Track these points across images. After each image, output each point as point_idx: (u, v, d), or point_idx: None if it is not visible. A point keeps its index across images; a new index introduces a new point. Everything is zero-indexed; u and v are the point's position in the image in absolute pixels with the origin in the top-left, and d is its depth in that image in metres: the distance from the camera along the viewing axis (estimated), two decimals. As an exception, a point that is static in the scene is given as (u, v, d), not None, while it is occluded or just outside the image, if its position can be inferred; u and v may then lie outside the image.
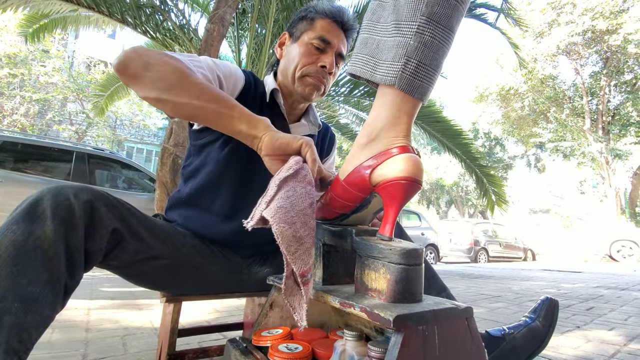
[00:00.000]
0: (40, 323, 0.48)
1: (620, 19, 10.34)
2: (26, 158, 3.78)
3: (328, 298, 0.47)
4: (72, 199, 0.52)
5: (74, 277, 0.53)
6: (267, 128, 0.58)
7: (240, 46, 4.84)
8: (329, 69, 0.81)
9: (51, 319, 0.51)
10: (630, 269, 5.98)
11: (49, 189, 0.52)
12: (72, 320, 1.48)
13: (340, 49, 0.83)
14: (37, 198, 0.51)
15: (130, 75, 0.58)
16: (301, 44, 0.82)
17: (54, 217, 0.50)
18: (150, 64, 0.57)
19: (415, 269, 0.43)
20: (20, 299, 0.46)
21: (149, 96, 0.58)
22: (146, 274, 0.74)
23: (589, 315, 1.92)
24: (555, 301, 0.85)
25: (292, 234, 0.45)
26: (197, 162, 0.84)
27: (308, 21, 0.83)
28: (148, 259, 0.69)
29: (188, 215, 0.83)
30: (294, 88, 0.83)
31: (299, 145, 0.56)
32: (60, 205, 0.51)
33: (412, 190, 0.45)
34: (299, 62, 0.81)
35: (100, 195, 0.57)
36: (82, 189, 0.55)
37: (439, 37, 0.45)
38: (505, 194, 5.36)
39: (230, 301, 2.11)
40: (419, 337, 0.37)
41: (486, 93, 14.59)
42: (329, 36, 0.81)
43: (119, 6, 3.58)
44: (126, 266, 0.68)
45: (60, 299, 0.51)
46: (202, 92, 0.58)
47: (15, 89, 10.08)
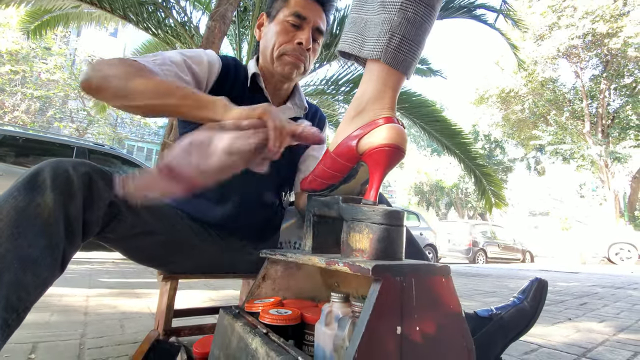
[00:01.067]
0: (39, 284, 0.50)
1: (621, 22, 10.39)
2: (27, 152, 3.81)
3: (315, 259, 0.50)
4: (71, 171, 0.55)
5: (72, 244, 0.55)
6: (224, 107, 0.57)
7: (242, 44, 4.87)
8: (306, 45, 0.79)
9: (50, 282, 0.53)
10: (628, 270, 6.00)
11: (48, 162, 0.55)
12: (71, 305, 1.50)
13: (317, 24, 0.81)
14: (37, 169, 0.53)
15: (94, 90, 0.60)
16: (277, 23, 0.80)
17: (53, 187, 0.52)
18: (107, 76, 0.59)
19: (397, 229, 0.46)
20: (19, 259, 0.48)
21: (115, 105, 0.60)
22: (142, 249, 0.77)
23: (582, 309, 1.95)
24: (544, 281, 0.87)
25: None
26: None
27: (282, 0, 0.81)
28: (144, 233, 0.71)
29: (182, 201, 0.85)
30: (273, 68, 0.82)
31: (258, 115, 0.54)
32: (60, 177, 0.53)
33: (395, 157, 0.48)
34: (276, 41, 0.80)
35: (98, 169, 0.59)
36: (81, 162, 0.58)
37: (420, 14, 0.47)
38: (504, 195, 5.39)
39: (227, 291, 2.14)
40: (396, 288, 0.40)
41: (486, 95, 14.64)
42: (303, 11, 0.79)
43: (122, 3, 3.62)
44: (123, 239, 0.70)
45: (58, 263, 0.53)
46: (156, 91, 0.58)
47: (16, 86, 10.12)
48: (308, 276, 0.74)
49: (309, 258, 0.52)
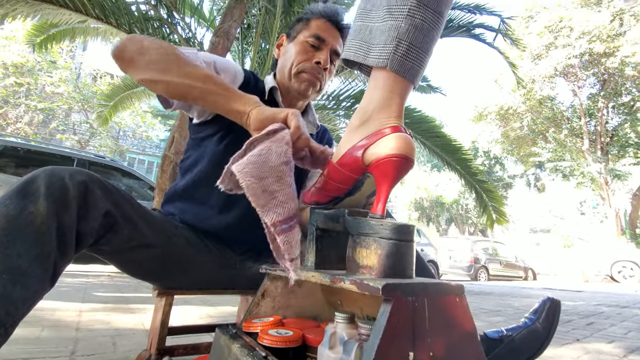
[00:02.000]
0: (28, 297, 0.48)
1: (617, 42, 10.59)
2: (27, 163, 3.80)
3: (319, 276, 0.47)
4: (67, 179, 0.53)
5: (64, 256, 0.53)
6: (255, 104, 0.60)
7: (244, 60, 4.95)
8: (324, 65, 0.84)
9: (39, 295, 0.50)
10: (632, 289, 5.89)
11: (44, 169, 0.53)
12: (63, 320, 1.45)
13: (335, 47, 0.86)
14: (31, 177, 0.52)
15: (126, 60, 0.61)
16: (297, 43, 0.85)
17: (47, 195, 0.50)
18: (144, 48, 0.61)
19: (407, 244, 0.43)
20: (8, 271, 0.45)
21: (144, 78, 0.61)
22: (137, 262, 0.73)
23: (589, 329, 1.89)
24: (557, 301, 0.83)
25: (261, 188, 0.46)
26: (195, 155, 0.85)
27: (304, 22, 0.87)
28: (140, 246, 0.68)
29: (184, 208, 0.83)
30: (290, 85, 0.86)
31: (285, 116, 0.57)
32: (54, 185, 0.51)
33: (403, 168, 0.46)
34: (295, 59, 0.84)
35: (94, 178, 0.57)
36: (77, 171, 0.56)
37: (428, 21, 0.46)
38: (506, 211, 5.34)
39: (224, 307, 2.07)
40: (408, 308, 0.37)
41: (485, 112, 14.77)
42: (323, 34, 0.84)
43: (127, 18, 3.68)
44: (117, 252, 0.67)
45: (49, 275, 0.50)
46: (192, 72, 0.60)
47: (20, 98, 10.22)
48: (310, 293, 0.71)
49: (312, 275, 0.49)
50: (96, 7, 3.38)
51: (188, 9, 4.17)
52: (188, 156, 0.88)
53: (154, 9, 3.77)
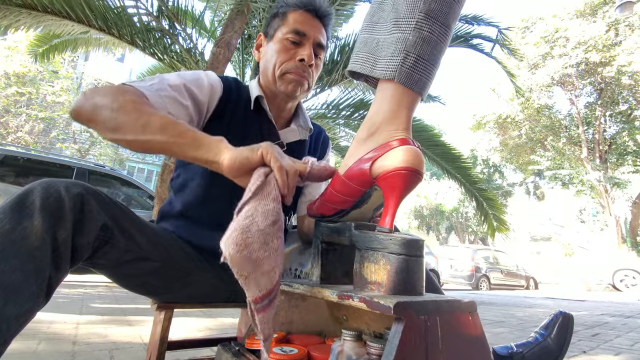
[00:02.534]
0: (21, 315, 0.46)
1: (613, 51, 10.72)
2: (27, 173, 3.79)
3: (325, 292, 0.45)
4: (63, 192, 0.52)
5: (59, 271, 0.51)
6: (220, 150, 0.53)
7: (245, 69, 4.99)
8: (308, 61, 0.77)
9: (33, 312, 0.48)
10: (635, 298, 5.84)
11: (40, 182, 0.52)
12: (60, 333, 1.42)
13: (317, 39, 0.79)
14: (27, 190, 0.50)
15: (84, 120, 0.58)
16: (276, 42, 0.78)
17: (42, 208, 0.49)
18: (97, 106, 0.57)
19: (417, 260, 0.42)
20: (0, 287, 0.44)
21: (106, 137, 0.58)
22: (135, 276, 0.72)
23: (595, 341, 1.86)
24: (569, 315, 0.80)
25: (244, 257, 0.42)
26: (185, 175, 0.83)
27: (280, 17, 0.79)
28: (138, 259, 0.66)
29: (180, 225, 0.82)
30: (276, 88, 0.79)
31: (259, 158, 0.51)
32: (50, 198, 0.50)
33: (412, 181, 0.45)
34: (277, 60, 0.77)
35: (91, 190, 0.56)
36: (74, 183, 0.55)
37: (436, 33, 0.46)
38: (506, 219, 5.33)
39: (224, 319, 2.04)
40: (420, 328, 0.36)
41: (484, 121, 14.86)
42: (303, 27, 0.77)
43: (130, 29, 3.72)
44: (115, 266, 0.66)
45: (43, 291, 0.49)
46: (149, 123, 0.55)
47: (21, 107, 10.27)
48: (314, 308, 0.69)
49: (318, 291, 0.48)
50: (99, 18, 3.41)
51: (189, 20, 4.22)
52: (178, 175, 0.85)
53: (156, 20, 3.82)
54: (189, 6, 4.12)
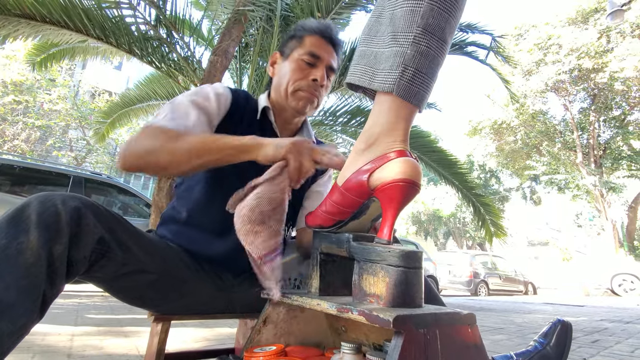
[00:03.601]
0: (15, 331, 0.46)
1: (606, 58, 10.89)
2: (23, 181, 3.77)
3: (324, 305, 0.45)
4: (60, 205, 0.52)
5: (54, 286, 0.51)
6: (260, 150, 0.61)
7: (242, 77, 5.01)
8: (320, 82, 0.83)
9: (26, 329, 0.48)
10: (633, 302, 5.84)
11: (37, 196, 0.52)
12: (54, 346, 1.40)
13: (330, 63, 0.86)
14: (24, 204, 0.51)
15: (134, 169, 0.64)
16: (292, 61, 0.84)
17: (39, 222, 0.49)
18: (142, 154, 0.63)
19: (415, 272, 0.42)
20: None
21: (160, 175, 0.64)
22: (132, 288, 0.71)
23: (595, 347, 1.85)
24: (568, 324, 0.81)
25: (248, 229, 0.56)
26: (189, 181, 0.84)
27: (297, 39, 0.86)
28: (134, 272, 0.66)
29: (179, 231, 0.82)
30: (287, 103, 0.85)
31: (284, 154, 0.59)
32: (47, 212, 0.50)
33: (410, 192, 0.45)
34: (291, 78, 0.83)
35: (88, 203, 0.56)
36: (71, 196, 0.55)
37: (434, 48, 0.47)
38: (503, 224, 5.34)
39: (222, 329, 2.02)
40: (420, 341, 0.36)
41: (479, 127, 14.98)
42: (318, 51, 0.83)
43: (127, 38, 3.74)
44: (111, 279, 0.66)
45: (37, 307, 0.48)
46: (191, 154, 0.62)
47: (18, 115, 10.24)
48: (313, 319, 0.69)
49: (317, 303, 0.47)
50: (97, 27, 3.43)
51: (187, 28, 4.25)
52: (182, 180, 0.87)
53: (154, 29, 3.84)
54: (186, 15, 4.15)
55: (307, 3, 3.90)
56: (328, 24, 0.89)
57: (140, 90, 5.80)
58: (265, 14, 3.95)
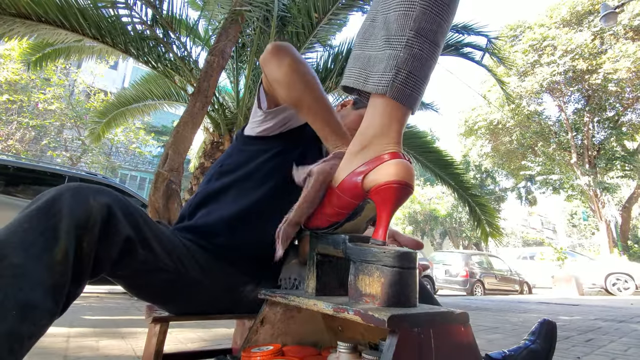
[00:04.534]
0: (36, 332, 0.44)
1: (600, 59, 11.01)
2: (17, 182, 3.73)
3: (321, 305, 0.46)
4: (92, 200, 0.50)
5: (78, 285, 0.50)
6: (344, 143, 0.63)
7: (239, 77, 5.01)
8: None
9: (46, 328, 0.47)
10: (627, 302, 5.90)
11: (68, 187, 0.50)
12: (50, 348, 1.39)
13: None
14: (55, 196, 0.49)
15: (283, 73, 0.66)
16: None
17: (70, 217, 0.47)
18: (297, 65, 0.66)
19: (410, 272, 0.43)
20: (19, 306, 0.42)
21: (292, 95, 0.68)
22: (148, 286, 0.71)
23: (589, 346, 1.87)
24: (553, 323, 0.84)
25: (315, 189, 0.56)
26: (239, 160, 0.85)
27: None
28: (153, 270, 0.66)
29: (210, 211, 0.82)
30: None
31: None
32: (79, 206, 0.49)
33: (403, 194, 0.46)
34: None
35: (119, 200, 0.56)
36: (102, 191, 0.54)
37: (426, 51, 0.48)
38: (499, 224, 5.38)
39: (219, 329, 2.02)
40: (414, 340, 0.36)
41: (475, 127, 15.07)
42: None
43: (123, 38, 3.73)
44: (131, 277, 0.66)
45: (60, 307, 0.47)
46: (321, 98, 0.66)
47: (12, 115, 10.14)
48: (309, 319, 0.69)
49: (314, 303, 0.48)
50: (92, 27, 3.41)
51: (184, 28, 4.24)
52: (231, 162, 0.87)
53: (150, 28, 3.82)
54: (183, 15, 4.14)
55: (304, 4, 3.91)
56: None
57: (137, 89, 5.77)
58: (262, 14, 3.95)
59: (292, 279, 0.87)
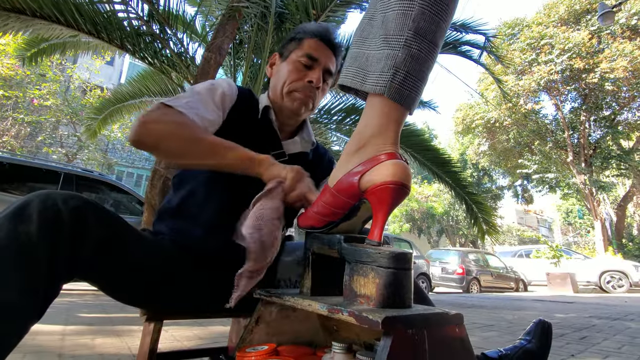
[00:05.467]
0: (14, 333, 0.45)
1: (597, 58, 11.05)
2: (12, 179, 3.70)
3: (315, 305, 0.46)
4: (61, 204, 0.51)
5: (54, 286, 0.51)
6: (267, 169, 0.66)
7: (236, 74, 4.98)
8: (316, 84, 0.83)
9: (26, 330, 0.48)
10: (621, 299, 5.96)
11: (38, 194, 0.51)
12: (45, 346, 1.39)
13: (327, 66, 0.86)
14: (24, 202, 0.50)
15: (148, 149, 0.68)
16: (289, 62, 0.85)
17: (40, 221, 0.48)
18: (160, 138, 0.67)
19: (405, 273, 0.43)
20: None
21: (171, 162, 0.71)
22: (127, 288, 0.71)
23: (583, 344, 1.89)
24: (548, 323, 0.85)
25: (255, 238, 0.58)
26: (186, 171, 0.84)
27: (296, 41, 0.86)
28: (131, 272, 0.66)
29: (176, 227, 0.81)
30: (282, 104, 0.85)
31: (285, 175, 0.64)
32: (48, 210, 0.50)
33: (400, 195, 0.46)
34: (287, 78, 0.84)
35: (90, 204, 0.56)
36: (71, 195, 0.54)
37: (424, 51, 0.47)
38: (496, 222, 5.40)
39: (214, 327, 2.02)
40: (408, 342, 0.36)
41: (472, 125, 15.11)
42: (315, 53, 0.83)
43: (119, 33, 3.69)
44: (107, 279, 0.65)
45: (37, 308, 0.48)
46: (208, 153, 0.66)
47: (7, 111, 10.05)
48: (304, 318, 0.69)
49: (308, 303, 0.48)
50: (88, 22, 3.37)
51: (180, 24, 4.20)
52: (181, 171, 0.86)
53: (146, 24, 3.79)
54: (180, 10, 4.10)
55: (302, 0, 3.88)
56: (327, 26, 0.88)
57: (133, 86, 5.72)
58: (260, 10, 3.92)
59: (292, 280, 0.86)
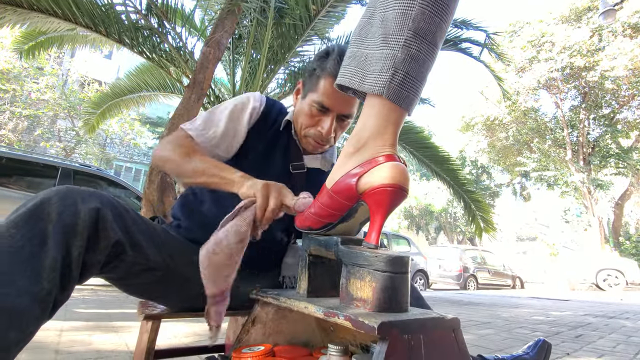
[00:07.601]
0: (22, 340, 0.44)
1: (597, 56, 11.01)
2: (9, 173, 3.68)
3: (312, 308, 0.46)
4: (80, 204, 0.50)
5: (65, 291, 0.49)
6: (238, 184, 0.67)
7: (235, 69, 4.95)
8: (326, 135, 0.82)
9: (33, 334, 0.46)
10: (617, 297, 6.01)
11: (57, 190, 0.50)
12: (42, 342, 1.39)
13: (342, 111, 0.82)
14: (44, 199, 0.48)
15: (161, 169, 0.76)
16: (306, 104, 0.83)
17: (58, 222, 0.47)
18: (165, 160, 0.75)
19: (401, 277, 0.43)
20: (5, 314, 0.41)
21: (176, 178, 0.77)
22: (138, 284, 0.71)
23: (578, 342, 1.90)
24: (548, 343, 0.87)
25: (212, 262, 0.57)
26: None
27: (315, 78, 0.82)
28: (143, 270, 0.66)
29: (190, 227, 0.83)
30: (301, 140, 0.87)
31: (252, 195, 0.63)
32: (67, 211, 0.48)
33: (398, 198, 0.45)
34: (302, 122, 0.84)
35: (107, 203, 0.55)
36: (91, 194, 0.53)
37: (424, 51, 0.47)
38: (493, 220, 5.42)
39: (213, 324, 2.02)
40: (404, 347, 0.36)
41: (472, 123, 15.08)
42: (327, 102, 0.80)
43: (117, 27, 3.65)
44: (120, 278, 0.66)
45: (47, 313, 0.47)
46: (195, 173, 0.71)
47: (5, 105, 9.98)
48: (301, 319, 0.69)
49: (305, 306, 0.48)
50: (85, 16, 3.34)
51: (179, 18, 4.16)
52: None
53: (145, 18, 3.75)
54: (178, 4, 4.06)
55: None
56: None
57: (131, 80, 5.69)
58: (259, 5, 3.88)
59: (290, 278, 0.87)
